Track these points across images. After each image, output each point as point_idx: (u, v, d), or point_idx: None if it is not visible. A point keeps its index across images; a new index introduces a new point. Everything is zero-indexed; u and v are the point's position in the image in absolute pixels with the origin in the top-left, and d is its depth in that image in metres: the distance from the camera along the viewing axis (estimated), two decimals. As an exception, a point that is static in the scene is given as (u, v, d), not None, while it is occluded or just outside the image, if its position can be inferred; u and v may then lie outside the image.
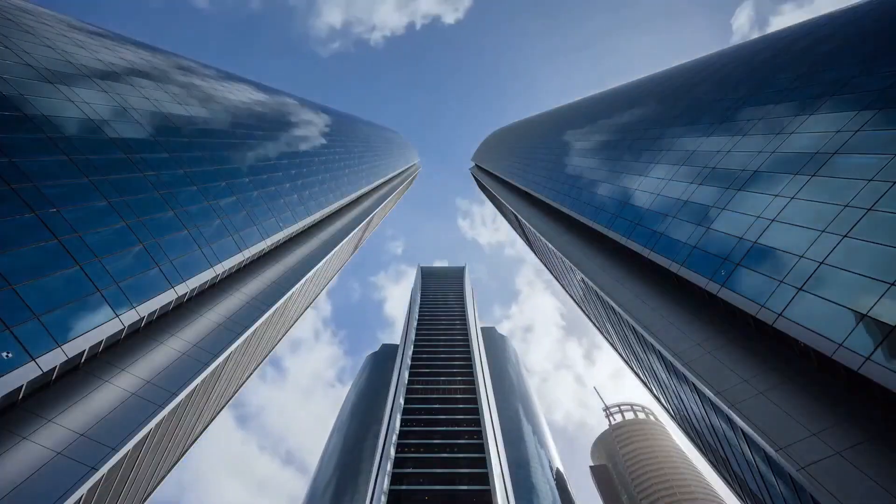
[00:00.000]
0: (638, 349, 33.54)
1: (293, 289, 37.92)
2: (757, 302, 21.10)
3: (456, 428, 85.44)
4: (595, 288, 36.66)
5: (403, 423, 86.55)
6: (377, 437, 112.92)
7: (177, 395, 21.71)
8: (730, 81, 39.48)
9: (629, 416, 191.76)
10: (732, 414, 19.19)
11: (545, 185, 66.12)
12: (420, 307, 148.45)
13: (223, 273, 31.68)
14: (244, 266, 36.11)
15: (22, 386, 16.43)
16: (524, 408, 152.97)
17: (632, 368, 41.40)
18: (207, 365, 24.77)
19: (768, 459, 17.96)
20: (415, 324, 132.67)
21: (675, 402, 30.45)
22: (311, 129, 73.22)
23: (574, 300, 59.46)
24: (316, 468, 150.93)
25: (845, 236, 18.35)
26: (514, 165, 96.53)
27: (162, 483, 28.75)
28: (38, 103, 23.59)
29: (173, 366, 23.29)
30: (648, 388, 38.29)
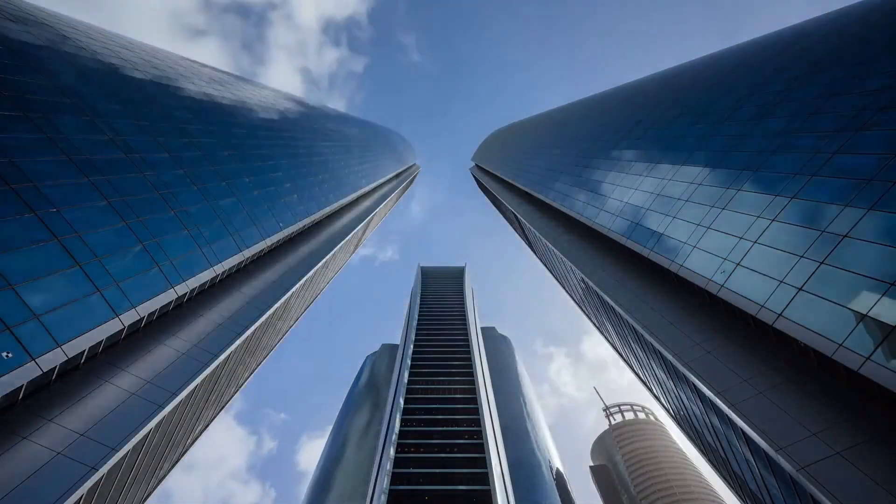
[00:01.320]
0: (638, 349, 33.53)
1: (293, 289, 37.92)
2: (757, 302, 21.10)
3: (456, 428, 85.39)
4: (595, 288, 36.64)
5: (403, 422, 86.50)
6: (377, 436, 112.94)
7: (177, 395, 21.70)
8: (732, 81, 39.46)
9: (629, 416, 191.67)
10: (732, 414, 19.18)
11: (545, 184, 66.12)
12: (420, 307, 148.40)
13: (223, 273, 31.68)
14: (244, 266, 36.12)
15: (22, 386, 16.43)
16: (524, 408, 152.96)
17: (632, 368, 41.39)
18: (207, 365, 24.76)
19: (768, 459, 17.96)
20: (415, 323, 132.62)
21: (675, 402, 30.45)
22: (311, 130, 73.22)
23: (574, 300, 59.44)
24: (316, 469, 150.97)
25: (845, 236, 18.36)
26: (514, 165, 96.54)
27: (162, 483, 28.74)
28: (36, 102, 23.58)
29: (173, 366, 23.28)
30: (648, 388, 38.28)
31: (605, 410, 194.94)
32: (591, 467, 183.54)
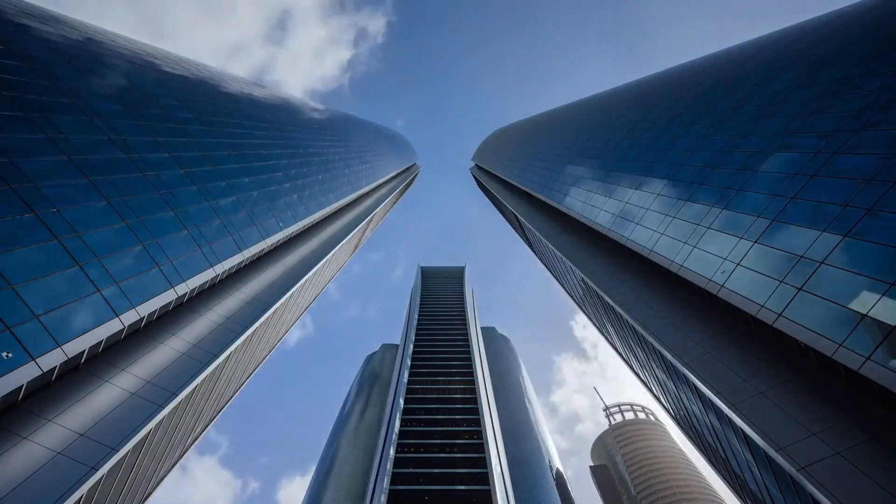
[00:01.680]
0: (638, 349, 33.54)
1: (293, 289, 37.92)
2: (757, 302, 21.09)
3: (456, 428, 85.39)
4: (595, 288, 36.65)
5: (403, 423, 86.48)
6: (377, 436, 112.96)
7: (177, 395, 21.71)
8: (732, 81, 39.48)
9: (629, 416, 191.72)
10: (732, 414, 19.18)
11: (545, 184, 66.12)
12: (420, 307, 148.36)
13: (223, 273, 31.67)
14: (244, 266, 36.11)
15: (22, 386, 16.42)
16: (524, 407, 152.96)
17: (632, 368, 41.40)
18: (207, 365, 24.77)
19: (768, 459, 17.96)
20: (415, 324, 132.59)
21: (675, 402, 30.45)
22: (311, 129, 73.22)
23: (574, 300, 59.44)
24: (315, 468, 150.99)
25: (846, 236, 18.35)
26: (514, 165, 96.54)
27: (162, 483, 28.74)
28: (36, 102, 23.58)
29: (173, 366, 23.28)
30: (648, 388, 38.28)
31: (605, 410, 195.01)
32: (591, 467, 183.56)
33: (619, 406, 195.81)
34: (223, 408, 37.04)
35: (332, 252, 51.37)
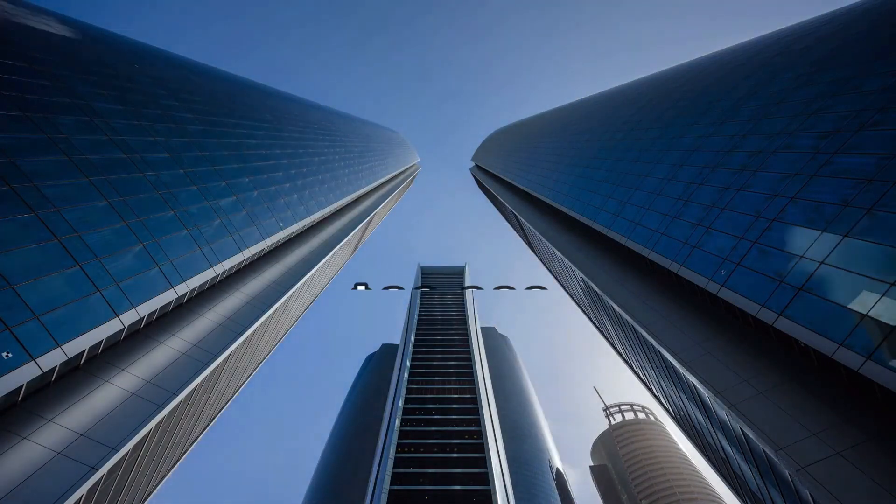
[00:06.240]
0: (638, 349, 33.55)
1: (293, 289, 37.92)
2: (757, 302, 21.10)
3: (456, 428, 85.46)
4: (595, 288, 36.65)
5: (403, 423, 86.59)
6: (377, 436, 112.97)
7: (177, 395, 21.72)
8: (731, 80, 39.47)
9: (629, 416, 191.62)
10: (732, 414, 19.19)
11: (545, 184, 66.12)
12: (420, 307, 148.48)
13: (223, 273, 31.68)
14: (244, 266, 36.11)
15: (22, 386, 16.43)
16: (524, 407, 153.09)
17: (632, 368, 41.41)
18: (207, 365, 24.77)
19: (768, 459, 17.96)
20: (415, 324, 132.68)
21: (675, 401, 30.46)
22: (311, 129, 73.22)
23: (574, 300, 59.48)
24: (316, 468, 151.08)
25: (846, 236, 18.35)
26: (515, 165, 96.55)
27: (162, 483, 28.75)
28: (37, 101, 23.58)
29: (173, 366, 23.29)
30: (648, 388, 38.30)
31: (605, 410, 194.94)
32: (591, 467, 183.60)
33: (619, 406, 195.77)
34: (223, 408, 37.06)
35: (333, 252, 51.38)
